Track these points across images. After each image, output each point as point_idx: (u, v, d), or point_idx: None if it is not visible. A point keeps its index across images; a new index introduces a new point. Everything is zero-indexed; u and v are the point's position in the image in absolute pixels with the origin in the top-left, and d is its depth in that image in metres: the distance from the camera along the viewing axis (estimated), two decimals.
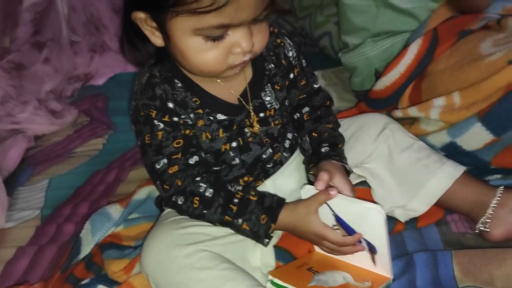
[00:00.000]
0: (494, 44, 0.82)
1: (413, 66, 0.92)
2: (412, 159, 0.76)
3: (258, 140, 0.71)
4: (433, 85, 0.88)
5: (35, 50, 1.49)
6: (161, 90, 0.65)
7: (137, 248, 0.76)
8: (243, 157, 0.70)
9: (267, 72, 0.71)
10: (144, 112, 0.64)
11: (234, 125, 0.68)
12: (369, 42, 1.04)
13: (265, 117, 0.71)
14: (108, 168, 1.07)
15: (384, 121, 0.80)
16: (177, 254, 0.62)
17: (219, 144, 0.68)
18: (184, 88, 0.66)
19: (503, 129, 0.77)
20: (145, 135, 0.65)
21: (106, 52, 1.66)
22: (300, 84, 0.76)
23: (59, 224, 0.88)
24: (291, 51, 0.73)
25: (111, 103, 1.40)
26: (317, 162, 0.70)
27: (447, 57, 0.88)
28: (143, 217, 0.84)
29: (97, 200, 0.94)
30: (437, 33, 0.91)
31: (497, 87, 0.77)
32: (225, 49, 0.58)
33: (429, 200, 0.74)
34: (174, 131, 0.65)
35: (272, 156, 0.72)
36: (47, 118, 1.26)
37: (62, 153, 1.16)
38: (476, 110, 0.79)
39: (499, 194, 0.71)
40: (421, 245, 0.72)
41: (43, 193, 1.00)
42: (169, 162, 0.65)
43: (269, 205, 0.65)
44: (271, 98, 0.71)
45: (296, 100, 0.77)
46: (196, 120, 0.67)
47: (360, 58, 1.07)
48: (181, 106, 0.65)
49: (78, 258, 0.75)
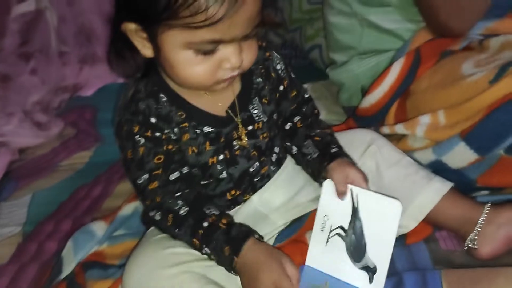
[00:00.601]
0: (476, 65, 0.83)
1: (396, 85, 0.93)
2: (400, 175, 0.76)
3: (245, 154, 0.71)
4: (417, 104, 0.89)
5: (22, 61, 1.47)
6: (144, 105, 0.65)
7: (121, 267, 0.74)
8: (230, 171, 0.70)
9: (255, 86, 0.71)
10: (126, 127, 0.65)
11: (221, 138, 0.68)
12: (356, 59, 1.05)
13: (253, 130, 0.71)
14: (94, 182, 1.05)
15: (370, 136, 0.80)
16: (159, 276, 0.61)
17: (206, 157, 0.68)
18: (169, 102, 0.66)
19: (487, 149, 0.77)
20: (127, 150, 0.65)
21: (97, 63, 1.64)
22: (291, 95, 0.76)
23: (41, 241, 0.86)
24: (279, 64, 0.74)
25: (100, 115, 1.38)
26: (330, 161, 0.69)
27: (429, 76, 0.89)
28: (129, 234, 0.82)
29: (81, 216, 0.92)
30: (420, 53, 0.93)
31: (479, 108, 0.78)
32: (215, 63, 0.59)
33: (418, 216, 0.74)
34: (155, 147, 0.65)
35: (260, 170, 0.72)
36: (32, 130, 1.24)
37: (46, 166, 1.14)
38: (459, 129, 0.80)
39: (486, 210, 0.71)
40: (410, 263, 0.71)
41: (25, 208, 0.97)
42: (149, 178, 0.65)
43: (234, 236, 0.63)
44: (258, 111, 0.71)
45: (289, 111, 0.77)
46: (181, 135, 0.66)
47: (347, 75, 1.08)
48: (165, 120, 0.65)
49: (60, 278, 0.73)
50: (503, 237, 0.69)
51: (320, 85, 1.33)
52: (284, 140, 0.78)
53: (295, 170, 0.78)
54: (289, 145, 0.77)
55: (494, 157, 0.78)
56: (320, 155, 0.72)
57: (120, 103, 0.67)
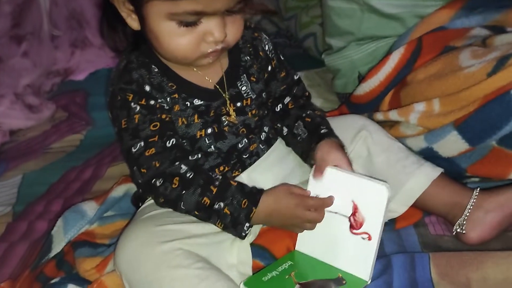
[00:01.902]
0: (473, 56, 0.83)
1: (393, 75, 0.93)
2: (391, 160, 0.76)
3: (234, 130, 0.71)
4: (412, 94, 0.89)
5: (13, 43, 1.46)
6: (137, 74, 0.65)
7: (111, 246, 0.74)
8: (218, 145, 0.70)
9: (243, 63, 0.72)
10: (120, 97, 0.65)
11: (211, 112, 0.69)
12: (353, 45, 1.04)
13: (242, 107, 0.72)
14: (85, 165, 1.04)
15: (361, 122, 0.80)
16: (151, 251, 0.60)
17: (194, 130, 0.68)
18: (160, 73, 0.67)
19: (479, 139, 0.77)
20: (121, 119, 0.65)
21: (88, 48, 1.63)
22: (280, 76, 0.77)
23: (31, 221, 0.86)
24: (267, 45, 0.75)
25: (91, 99, 1.38)
26: (318, 141, 0.70)
27: (426, 68, 0.89)
28: (119, 214, 0.82)
29: (72, 197, 0.92)
30: (421, 44, 0.92)
31: (474, 98, 0.77)
32: (198, 36, 0.60)
33: (407, 201, 0.74)
34: (150, 114, 0.65)
35: (248, 146, 0.73)
36: (23, 112, 1.24)
37: (37, 148, 1.13)
38: (453, 118, 0.79)
39: (475, 196, 0.71)
40: (399, 246, 0.72)
41: (15, 189, 0.97)
42: (145, 145, 0.64)
43: (249, 190, 0.65)
44: (247, 88, 0.72)
45: (278, 92, 0.78)
46: (172, 105, 0.67)
47: (343, 61, 1.07)
48: (158, 90, 0.66)
49: (49, 256, 0.73)
50: (491, 222, 0.70)
51: (314, 73, 1.33)
52: (275, 122, 0.78)
53: (285, 153, 0.78)
54: (279, 126, 0.77)
55: (486, 147, 0.79)
56: (309, 135, 0.72)
57: (113, 74, 0.67)
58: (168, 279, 0.59)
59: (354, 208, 0.65)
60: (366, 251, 0.64)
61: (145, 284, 0.60)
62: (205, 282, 0.58)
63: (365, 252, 0.64)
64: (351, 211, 0.65)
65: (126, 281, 0.62)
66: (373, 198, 0.63)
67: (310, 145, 0.71)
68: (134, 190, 0.82)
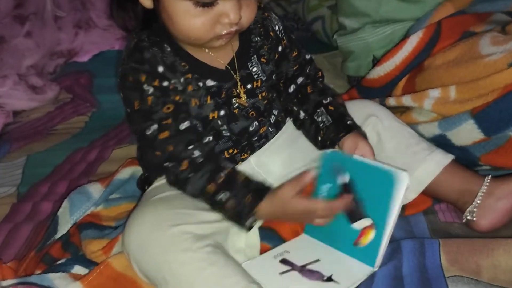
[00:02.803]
0: (493, 42, 0.81)
1: (410, 59, 0.91)
2: (401, 145, 0.75)
3: (244, 113, 0.71)
4: (428, 80, 0.87)
5: (16, 24, 1.44)
6: (149, 53, 0.64)
7: (117, 229, 0.73)
8: (231, 126, 0.70)
9: (253, 44, 0.72)
10: (132, 77, 0.63)
11: (222, 93, 0.68)
12: (369, 27, 1.02)
13: (252, 89, 0.71)
14: (90, 147, 1.03)
15: (371, 107, 0.79)
16: (161, 234, 0.60)
17: (207, 110, 0.68)
18: (173, 52, 0.65)
19: (495, 130, 0.76)
20: (133, 101, 0.63)
21: (92, 29, 1.61)
22: (292, 55, 0.76)
23: (36, 202, 0.85)
24: (277, 25, 0.74)
25: (96, 81, 1.36)
26: (347, 132, 0.69)
27: (445, 53, 0.87)
28: (125, 197, 0.82)
29: (77, 179, 0.91)
30: (440, 29, 0.89)
31: (494, 87, 0.76)
32: (213, 17, 0.60)
33: (417, 187, 0.73)
34: (163, 96, 0.64)
35: (258, 129, 0.72)
36: (26, 93, 1.22)
37: (41, 130, 1.12)
38: (470, 106, 0.78)
39: (487, 183, 0.70)
40: (408, 233, 0.71)
41: (20, 170, 0.96)
42: (159, 127, 0.63)
43: (255, 187, 0.64)
44: (257, 69, 0.71)
45: (291, 72, 0.76)
46: (186, 86, 0.66)
47: (358, 43, 1.05)
48: (171, 70, 0.65)
49: (55, 238, 0.73)
50: (502, 209, 0.69)
51: (322, 57, 1.31)
52: (288, 104, 0.77)
53: (294, 136, 0.77)
54: (295, 109, 0.76)
55: (502, 138, 0.77)
56: (334, 124, 0.71)
57: (123, 54, 0.65)
58: (177, 262, 0.58)
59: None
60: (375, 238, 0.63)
61: (153, 266, 0.60)
62: (213, 266, 0.58)
63: (374, 239, 0.63)
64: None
65: (134, 262, 0.62)
66: (391, 185, 0.62)
67: (337, 135, 0.70)
68: (139, 173, 0.81)
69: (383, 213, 0.63)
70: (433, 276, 0.61)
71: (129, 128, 0.93)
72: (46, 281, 0.62)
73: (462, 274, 0.61)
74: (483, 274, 0.61)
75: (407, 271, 0.62)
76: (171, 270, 0.58)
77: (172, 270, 0.58)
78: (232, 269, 0.59)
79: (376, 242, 0.63)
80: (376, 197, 0.64)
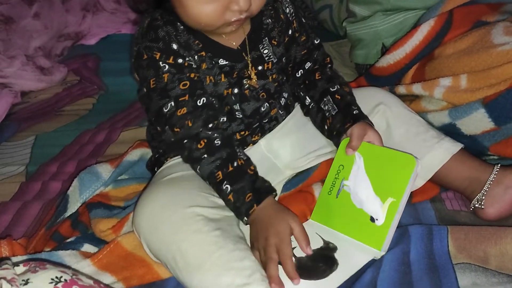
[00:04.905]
0: (506, 32, 0.80)
1: (420, 47, 0.90)
2: (410, 133, 0.75)
3: (254, 94, 0.71)
4: (438, 69, 0.86)
5: (25, 4, 1.43)
6: (163, 32, 0.64)
7: (126, 209, 0.74)
8: (243, 106, 0.70)
9: (265, 26, 0.72)
10: (147, 55, 0.63)
11: (234, 73, 0.69)
12: (379, 15, 1.01)
13: (263, 71, 0.71)
14: (98, 128, 1.04)
15: (379, 95, 0.79)
16: (172, 214, 0.60)
17: (221, 88, 0.68)
18: (186, 31, 0.65)
19: (505, 120, 0.76)
20: (149, 79, 0.64)
21: (99, 12, 1.61)
22: (301, 39, 0.76)
23: (45, 181, 0.86)
24: (288, 7, 0.74)
25: (103, 64, 1.36)
26: (353, 122, 0.69)
27: (456, 42, 0.86)
28: (133, 178, 0.82)
29: (85, 159, 0.92)
30: (452, 18, 0.88)
31: (506, 76, 0.75)
32: (223, 4, 0.60)
33: (426, 174, 0.73)
34: (179, 73, 0.64)
35: (269, 111, 0.73)
36: (34, 74, 1.22)
37: (49, 110, 1.12)
38: (481, 95, 0.77)
39: (495, 172, 0.70)
40: (416, 220, 0.71)
41: (29, 149, 0.97)
42: (176, 104, 0.64)
43: (259, 187, 0.63)
44: (268, 51, 0.72)
45: (299, 56, 0.77)
46: (200, 63, 0.66)
47: (367, 31, 1.04)
48: (185, 48, 0.65)
49: (64, 216, 0.73)
50: (510, 199, 0.69)
51: (329, 46, 1.30)
52: (296, 88, 0.77)
53: (302, 121, 0.77)
54: (302, 95, 0.76)
55: (508, 129, 0.76)
56: (340, 114, 0.71)
57: (137, 33, 0.65)
58: (187, 242, 0.58)
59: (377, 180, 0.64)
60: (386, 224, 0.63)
61: (163, 245, 0.60)
62: (221, 250, 0.58)
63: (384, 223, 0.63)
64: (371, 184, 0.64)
65: (144, 241, 0.62)
66: (401, 169, 0.63)
67: (344, 125, 0.70)
68: (149, 155, 0.82)
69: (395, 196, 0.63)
70: (441, 263, 0.62)
71: (141, 109, 0.92)
72: (56, 258, 0.63)
73: (469, 262, 0.62)
74: (491, 262, 0.61)
75: (415, 257, 0.63)
76: (181, 250, 0.58)
77: (182, 250, 0.58)
78: (240, 254, 0.59)
79: (384, 226, 0.64)
80: (387, 181, 0.64)
